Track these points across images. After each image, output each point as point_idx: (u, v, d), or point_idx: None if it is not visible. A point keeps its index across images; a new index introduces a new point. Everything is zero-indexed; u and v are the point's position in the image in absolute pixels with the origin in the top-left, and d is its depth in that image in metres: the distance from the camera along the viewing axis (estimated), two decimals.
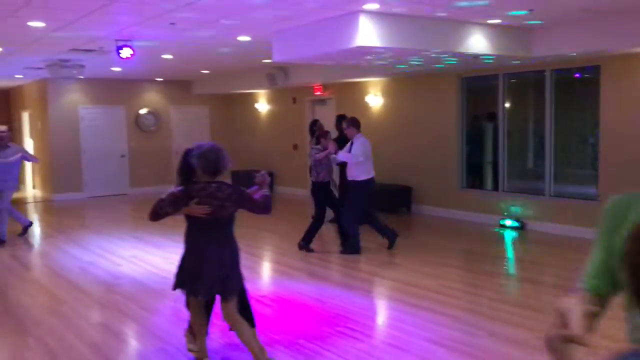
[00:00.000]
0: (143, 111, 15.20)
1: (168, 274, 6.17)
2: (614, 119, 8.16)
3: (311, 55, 7.45)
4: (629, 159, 7.95)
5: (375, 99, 11.72)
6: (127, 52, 8.11)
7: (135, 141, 15.11)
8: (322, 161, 7.75)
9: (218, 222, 3.91)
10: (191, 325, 4.32)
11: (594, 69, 8.45)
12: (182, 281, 3.98)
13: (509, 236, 8.96)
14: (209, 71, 13.21)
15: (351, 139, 7.79)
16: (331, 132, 8.45)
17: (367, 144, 7.69)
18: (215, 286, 3.90)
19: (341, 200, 8.21)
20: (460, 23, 7.16)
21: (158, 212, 3.90)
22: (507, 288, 6.45)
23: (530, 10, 6.59)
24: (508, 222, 9.28)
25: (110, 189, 14.67)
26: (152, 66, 11.77)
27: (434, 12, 6.57)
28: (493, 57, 7.86)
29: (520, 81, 9.84)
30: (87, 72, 11.40)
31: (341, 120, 8.81)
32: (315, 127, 9.10)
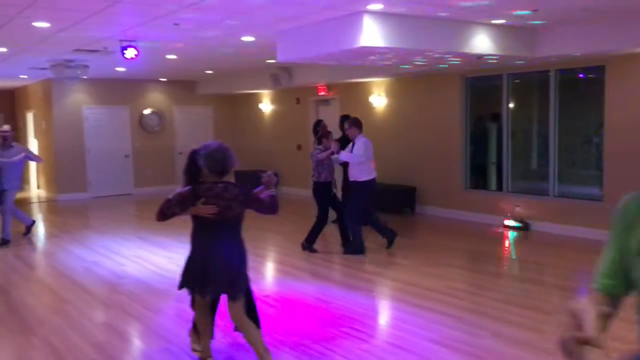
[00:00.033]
0: (147, 111, 15.23)
1: (172, 274, 6.19)
2: (618, 119, 8.14)
3: (315, 56, 7.45)
4: (633, 159, 7.92)
5: (379, 99, 11.72)
6: (132, 53, 8.13)
7: (139, 141, 15.14)
8: (324, 161, 7.74)
9: (225, 223, 3.89)
10: (195, 325, 4.32)
11: (598, 69, 8.43)
12: (188, 281, 3.98)
13: (512, 237, 8.95)
14: (213, 71, 13.22)
15: (353, 139, 7.79)
16: (334, 132, 8.44)
17: (368, 144, 7.68)
18: (221, 286, 3.89)
19: (344, 201, 8.21)
20: (464, 23, 7.16)
21: (165, 212, 3.90)
22: (510, 289, 6.44)
23: (534, 10, 6.58)
24: (512, 223, 9.27)
25: (115, 189, 14.70)
26: (156, 66, 11.79)
27: (438, 12, 6.57)
28: (497, 57, 7.86)
29: (524, 81, 9.82)
30: (91, 72, 11.43)
31: (344, 121, 8.81)
32: (319, 127, 9.09)
